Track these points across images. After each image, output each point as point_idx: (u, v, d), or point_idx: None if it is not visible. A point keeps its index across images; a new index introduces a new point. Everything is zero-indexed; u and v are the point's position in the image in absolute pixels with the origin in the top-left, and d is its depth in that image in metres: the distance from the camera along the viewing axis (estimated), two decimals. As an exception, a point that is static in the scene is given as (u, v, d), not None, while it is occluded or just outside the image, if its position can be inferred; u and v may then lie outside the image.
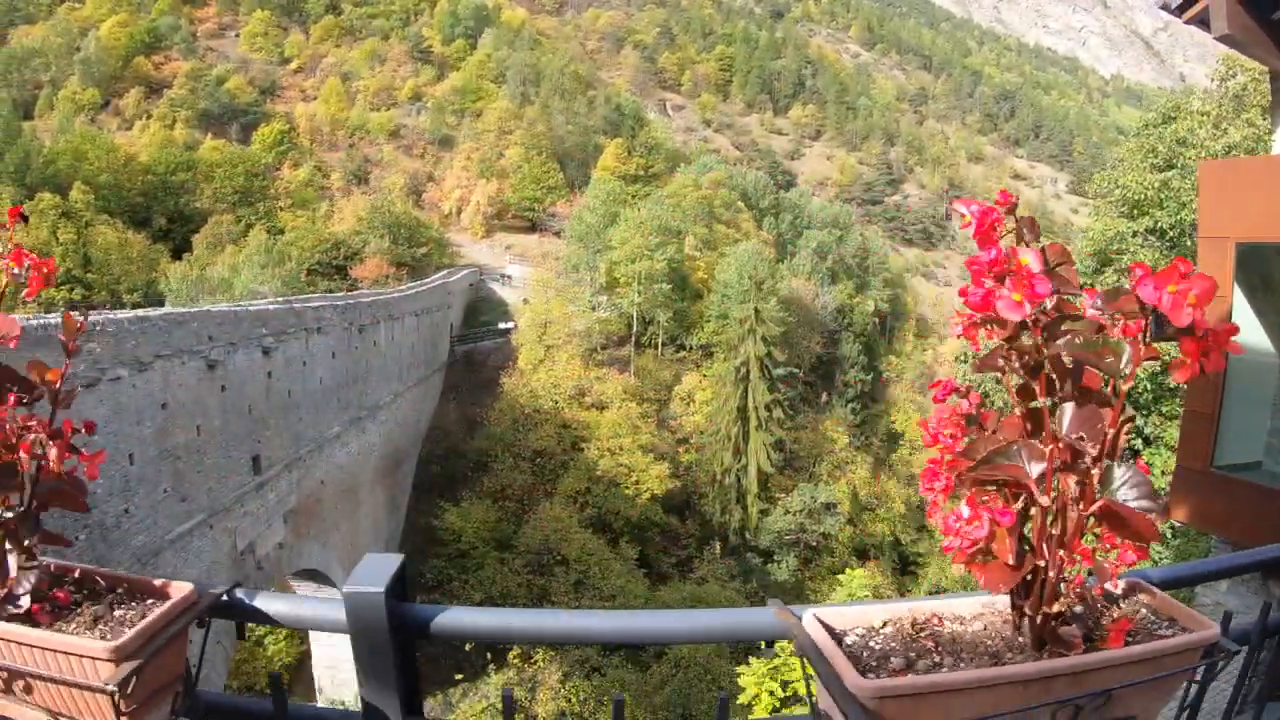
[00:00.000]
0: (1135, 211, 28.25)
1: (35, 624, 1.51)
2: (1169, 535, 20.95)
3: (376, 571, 1.73)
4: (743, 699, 27.77)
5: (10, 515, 1.53)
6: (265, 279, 46.35)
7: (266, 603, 1.79)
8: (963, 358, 35.00)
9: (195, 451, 21.66)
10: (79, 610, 1.57)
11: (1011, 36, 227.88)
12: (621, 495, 42.29)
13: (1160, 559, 20.19)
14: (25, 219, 1.69)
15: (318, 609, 1.80)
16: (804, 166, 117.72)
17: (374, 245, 54.22)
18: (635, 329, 51.64)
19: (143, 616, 1.55)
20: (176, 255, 58.35)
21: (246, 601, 1.77)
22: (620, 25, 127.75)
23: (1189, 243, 25.38)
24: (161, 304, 46.31)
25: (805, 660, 1.47)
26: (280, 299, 33.47)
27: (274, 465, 26.45)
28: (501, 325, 55.80)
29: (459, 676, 31.97)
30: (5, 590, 1.53)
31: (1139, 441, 24.68)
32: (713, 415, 48.71)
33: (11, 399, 1.55)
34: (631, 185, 64.34)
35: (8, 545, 1.53)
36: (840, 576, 41.51)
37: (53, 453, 1.52)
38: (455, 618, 1.78)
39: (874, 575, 45.18)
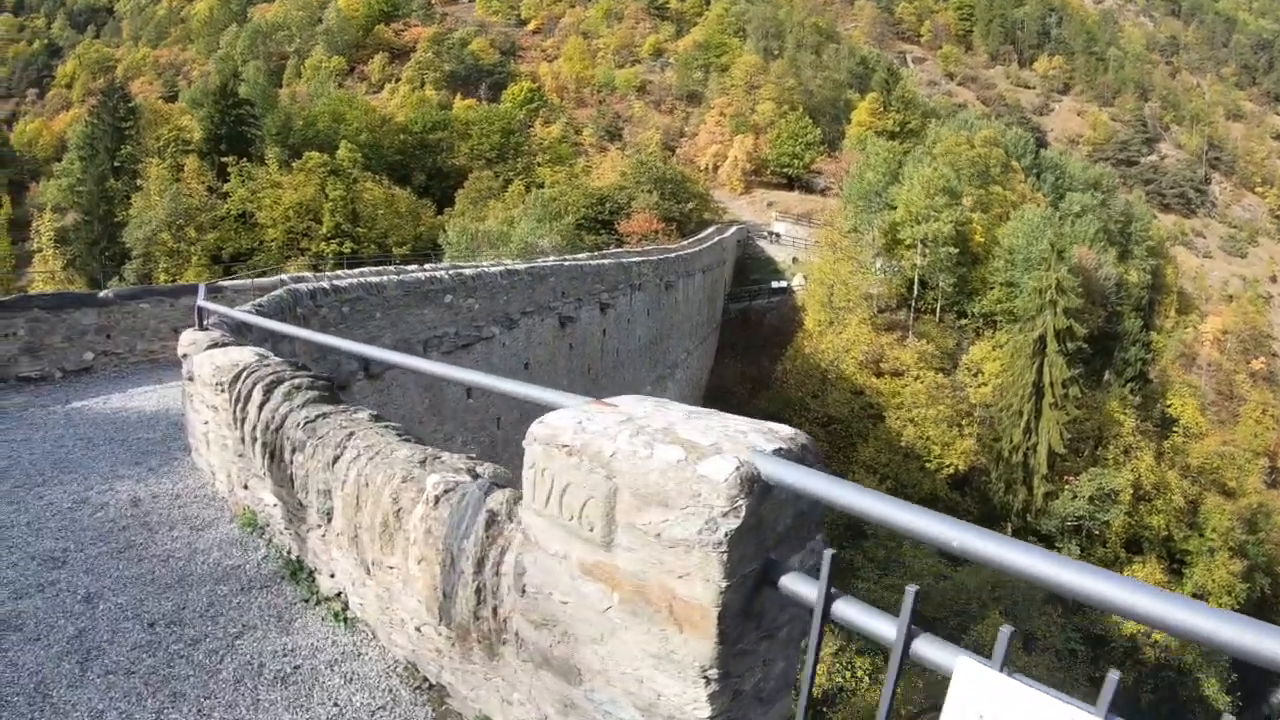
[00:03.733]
0: None
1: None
2: None
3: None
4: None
5: None
6: (543, 232, 46.65)
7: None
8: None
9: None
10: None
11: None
12: (921, 468, 40.04)
13: None
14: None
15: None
16: (1054, 122, 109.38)
17: (641, 200, 53.71)
18: (915, 293, 48.78)
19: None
20: (438, 210, 60.32)
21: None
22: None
23: None
24: (431, 257, 47.50)
25: None
26: (603, 254, 33.16)
27: (602, 425, 25.99)
28: (776, 284, 54.21)
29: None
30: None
31: None
32: (1003, 389, 45.32)
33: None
34: (889, 142, 60.81)
35: None
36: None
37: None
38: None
39: (1152, 574, 42.23)
